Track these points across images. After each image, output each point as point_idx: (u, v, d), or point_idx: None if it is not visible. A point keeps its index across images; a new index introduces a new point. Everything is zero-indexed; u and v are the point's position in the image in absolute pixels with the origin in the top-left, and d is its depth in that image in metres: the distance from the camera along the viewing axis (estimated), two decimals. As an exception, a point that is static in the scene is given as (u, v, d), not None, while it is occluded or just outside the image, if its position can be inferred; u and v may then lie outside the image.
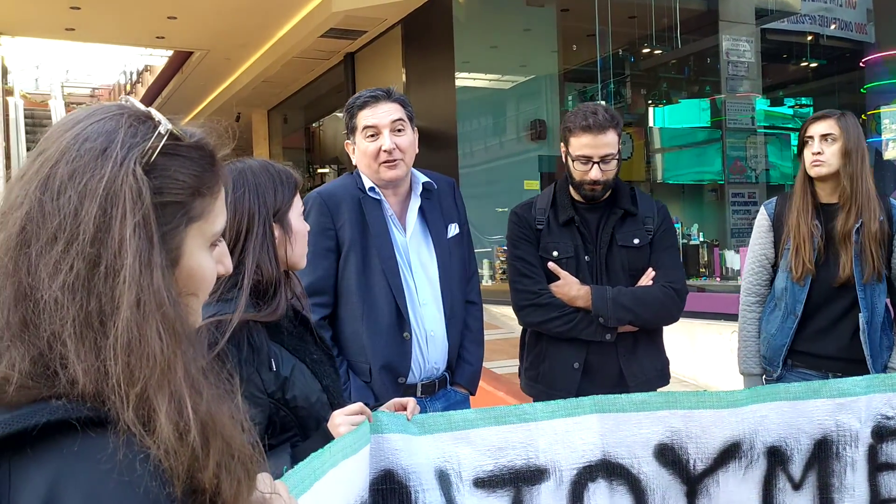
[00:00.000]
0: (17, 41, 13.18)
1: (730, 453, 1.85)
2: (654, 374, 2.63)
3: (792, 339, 2.77)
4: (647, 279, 2.58)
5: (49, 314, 0.72)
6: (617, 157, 2.58)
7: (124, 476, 0.68)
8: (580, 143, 2.55)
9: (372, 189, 2.39)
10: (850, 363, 2.68)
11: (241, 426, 0.81)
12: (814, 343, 2.75)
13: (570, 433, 1.78)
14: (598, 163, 2.53)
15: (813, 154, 2.73)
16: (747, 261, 2.98)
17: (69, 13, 10.46)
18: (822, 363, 2.75)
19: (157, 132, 0.81)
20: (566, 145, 2.62)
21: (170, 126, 0.82)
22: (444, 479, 1.70)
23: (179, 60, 14.24)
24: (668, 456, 1.82)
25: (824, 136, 2.72)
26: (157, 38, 12.12)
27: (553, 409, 1.80)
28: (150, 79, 18.04)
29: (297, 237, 1.69)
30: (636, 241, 2.60)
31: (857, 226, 2.67)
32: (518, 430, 1.76)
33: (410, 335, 2.35)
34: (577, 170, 2.57)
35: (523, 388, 2.76)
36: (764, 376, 2.87)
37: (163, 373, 0.73)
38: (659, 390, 2.67)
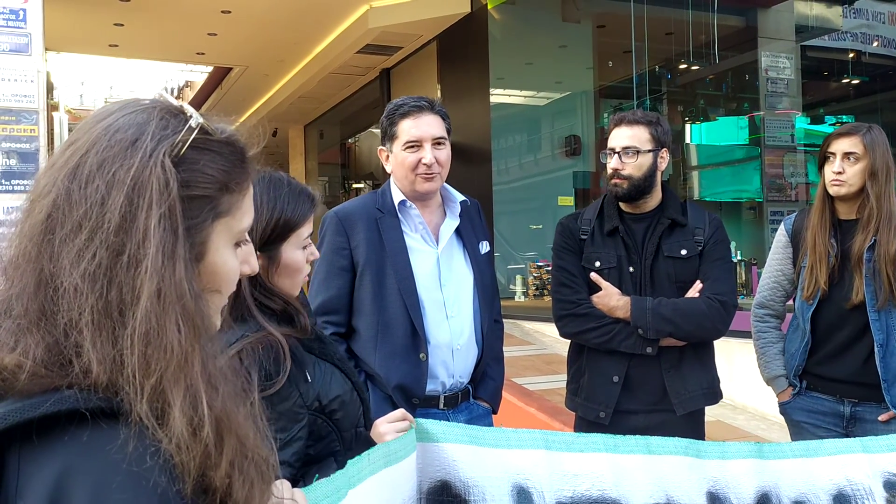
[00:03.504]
0: (63, 57, 13.53)
1: None
2: (699, 391, 2.53)
3: (805, 361, 2.69)
4: (693, 291, 2.51)
5: (68, 301, 0.72)
6: (644, 153, 2.53)
7: (133, 468, 0.67)
8: (610, 137, 2.60)
9: (403, 202, 2.39)
10: (864, 387, 2.59)
11: (256, 427, 0.79)
12: (827, 366, 2.66)
13: (635, 470, 1.73)
14: (618, 153, 2.54)
15: (834, 173, 2.63)
16: (763, 274, 2.91)
17: (113, 30, 10.73)
18: (835, 387, 2.66)
19: (187, 126, 0.81)
20: None
21: (201, 120, 0.82)
22: (523, 496, 1.65)
23: (219, 76, 14.51)
24: None
25: (847, 155, 2.61)
26: (198, 54, 12.36)
27: (616, 442, 1.75)
28: (190, 94, 18.39)
29: (287, 270, 1.59)
30: (683, 251, 2.53)
31: (871, 244, 2.57)
32: (588, 459, 1.71)
33: (427, 356, 2.31)
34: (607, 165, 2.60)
35: (566, 401, 2.71)
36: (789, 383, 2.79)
37: (179, 365, 0.72)
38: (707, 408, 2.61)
